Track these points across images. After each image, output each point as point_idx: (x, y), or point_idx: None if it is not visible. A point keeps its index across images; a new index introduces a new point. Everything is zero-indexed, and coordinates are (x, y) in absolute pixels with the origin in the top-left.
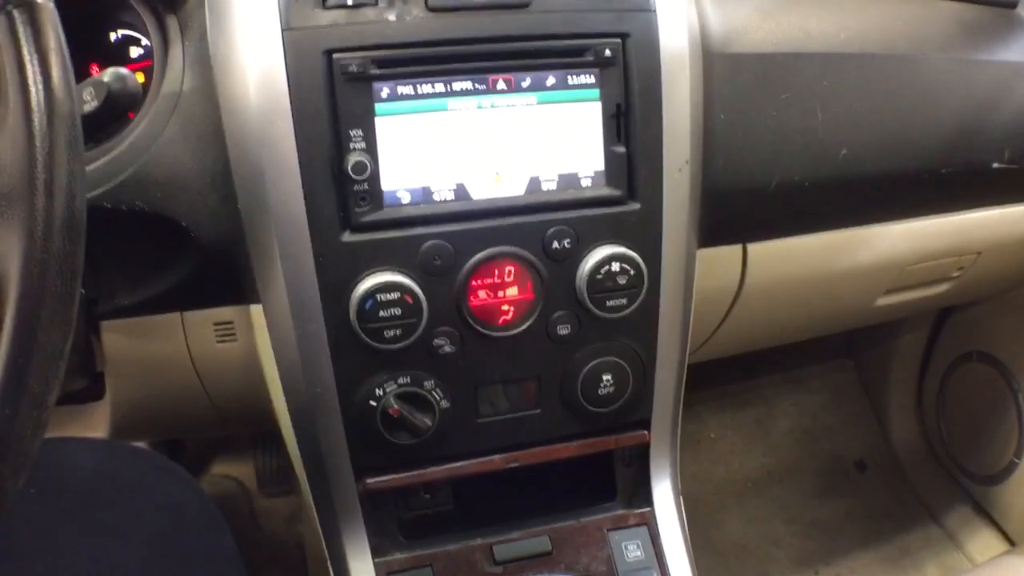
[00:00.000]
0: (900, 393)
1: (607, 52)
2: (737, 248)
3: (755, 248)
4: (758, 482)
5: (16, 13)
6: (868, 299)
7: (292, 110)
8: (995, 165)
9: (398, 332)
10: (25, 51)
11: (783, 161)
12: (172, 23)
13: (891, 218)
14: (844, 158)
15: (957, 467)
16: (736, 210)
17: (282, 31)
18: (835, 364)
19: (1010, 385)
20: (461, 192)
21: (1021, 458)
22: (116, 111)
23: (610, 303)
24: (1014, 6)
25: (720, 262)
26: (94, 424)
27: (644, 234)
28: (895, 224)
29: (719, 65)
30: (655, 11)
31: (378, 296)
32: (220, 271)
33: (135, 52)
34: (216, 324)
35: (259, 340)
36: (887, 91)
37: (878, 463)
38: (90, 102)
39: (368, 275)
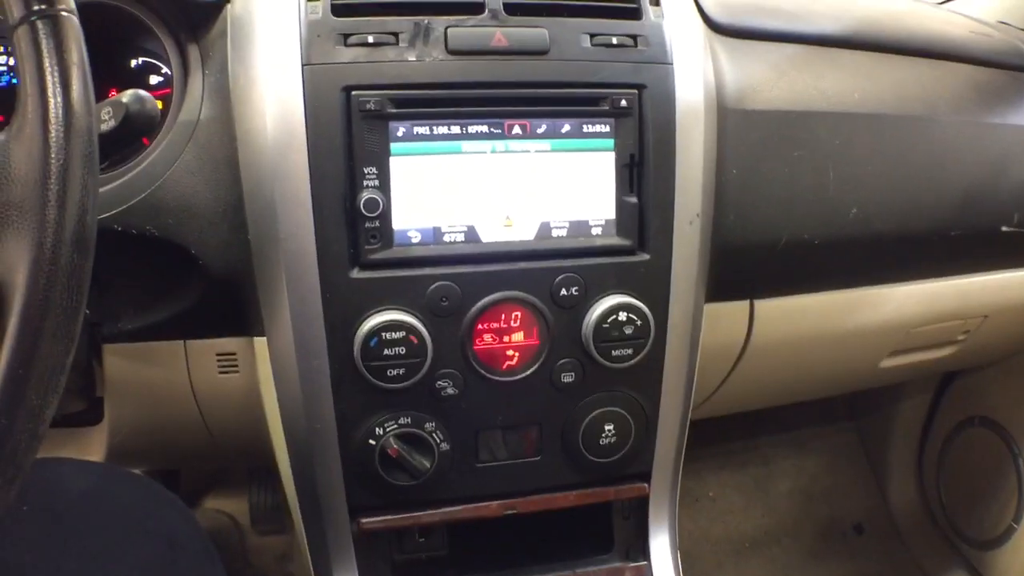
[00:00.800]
0: (900, 457)
1: (623, 102)
2: (744, 304)
3: (762, 305)
4: (756, 542)
5: (40, 24)
6: (873, 360)
7: (308, 144)
8: (1004, 228)
9: (401, 372)
10: (47, 62)
11: (793, 218)
12: (193, 52)
13: (899, 279)
14: (854, 217)
15: (955, 532)
16: (745, 265)
17: (302, 66)
18: (836, 426)
19: (1011, 450)
20: (471, 234)
21: (1020, 523)
22: (133, 133)
23: (615, 353)
24: None
25: (727, 317)
26: (90, 448)
27: (652, 285)
28: (902, 285)
29: (733, 121)
30: (672, 64)
31: (383, 334)
32: (226, 301)
33: (155, 79)
34: (219, 355)
35: (261, 373)
36: (899, 152)
37: (876, 526)
38: (108, 121)
39: (374, 313)
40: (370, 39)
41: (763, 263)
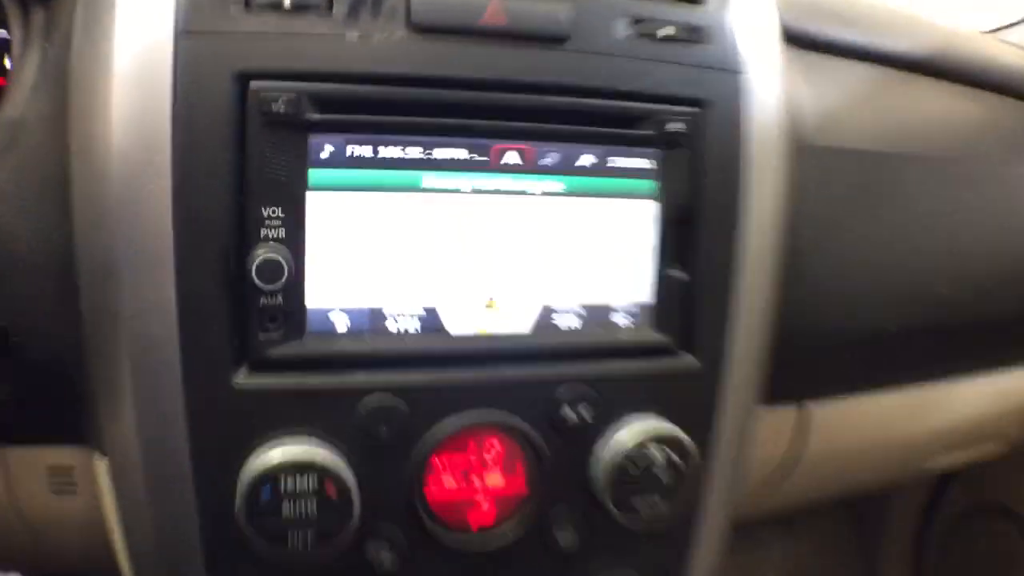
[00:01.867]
0: (897, 544)
1: (676, 126)
2: (791, 410)
3: (816, 409)
4: None
5: None
6: (925, 461)
7: (173, 163)
8: None
9: (310, 537)
10: None
11: (875, 298)
12: (36, 19)
13: (972, 371)
14: (944, 298)
15: None
16: (806, 359)
17: (175, 36)
18: (829, 508)
19: None
20: (431, 321)
21: None
22: None
23: (638, 503)
24: None
25: (770, 428)
26: None
27: (698, 403)
28: (974, 379)
29: (812, 162)
30: (745, 74)
31: (282, 480)
32: (52, 396)
33: None
34: (50, 468)
35: (106, 503)
36: (1006, 212)
37: None
38: None
39: (270, 444)
40: (286, 2)
41: (832, 353)
